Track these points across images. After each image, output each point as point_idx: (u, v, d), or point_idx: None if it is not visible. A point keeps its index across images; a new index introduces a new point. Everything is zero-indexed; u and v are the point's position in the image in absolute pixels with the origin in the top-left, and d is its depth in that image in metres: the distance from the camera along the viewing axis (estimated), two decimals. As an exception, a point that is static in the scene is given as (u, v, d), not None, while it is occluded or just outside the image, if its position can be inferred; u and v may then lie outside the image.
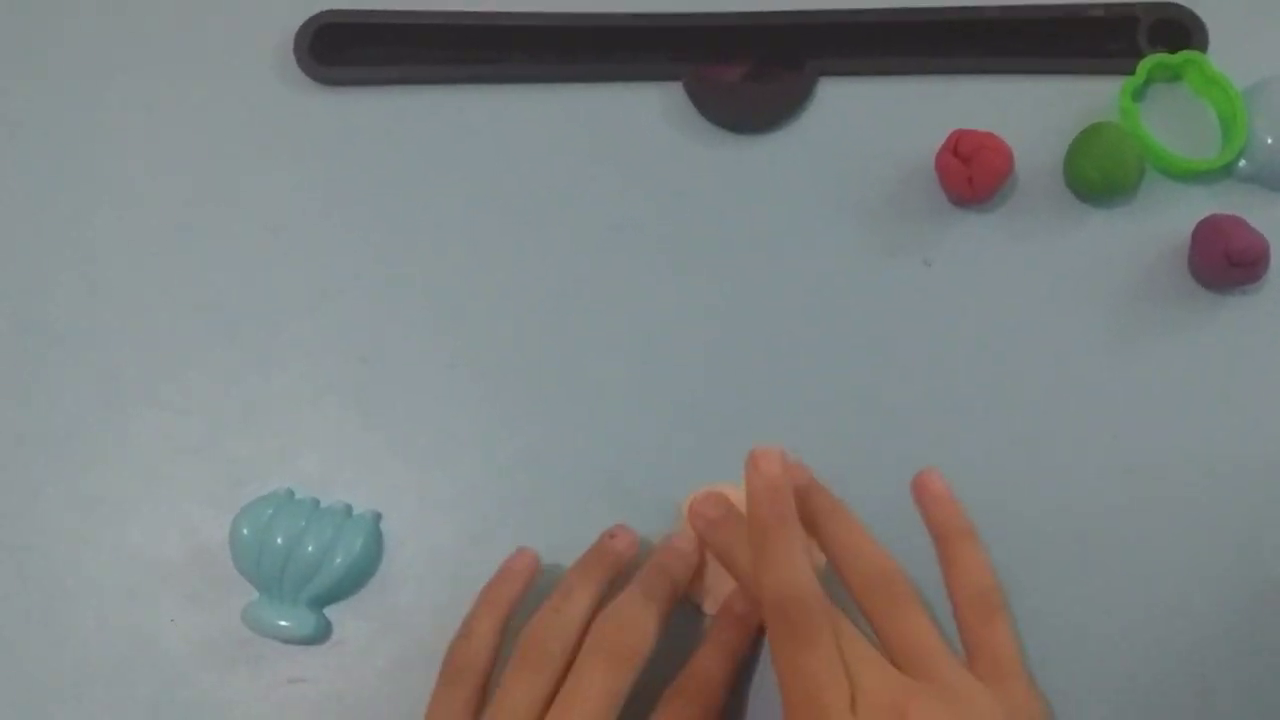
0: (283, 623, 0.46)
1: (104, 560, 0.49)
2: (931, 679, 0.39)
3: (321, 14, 0.57)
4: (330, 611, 0.48)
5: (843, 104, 0.56)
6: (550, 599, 0.43)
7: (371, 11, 0.57)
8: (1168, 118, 0.54)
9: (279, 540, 0.46)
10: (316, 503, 0.48)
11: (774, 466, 0.42)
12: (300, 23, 0.57)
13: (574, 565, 0.45)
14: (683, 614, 0.45)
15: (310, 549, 0.46)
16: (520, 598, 0.44)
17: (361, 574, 0.47)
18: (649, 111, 0.56)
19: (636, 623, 0.42)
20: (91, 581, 0.48)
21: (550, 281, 0.53)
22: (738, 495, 0.46)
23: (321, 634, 0.47)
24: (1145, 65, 0.54)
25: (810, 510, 0.44)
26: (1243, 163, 0.53)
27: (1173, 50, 0.54)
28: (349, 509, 0.48)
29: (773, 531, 0.41)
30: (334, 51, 0.57)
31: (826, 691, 0.38)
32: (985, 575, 0.43)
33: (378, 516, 0.48)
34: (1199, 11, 0.55)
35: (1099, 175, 0.51)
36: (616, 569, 0.45)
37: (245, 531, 0.46)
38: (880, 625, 0.41)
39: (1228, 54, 0.54)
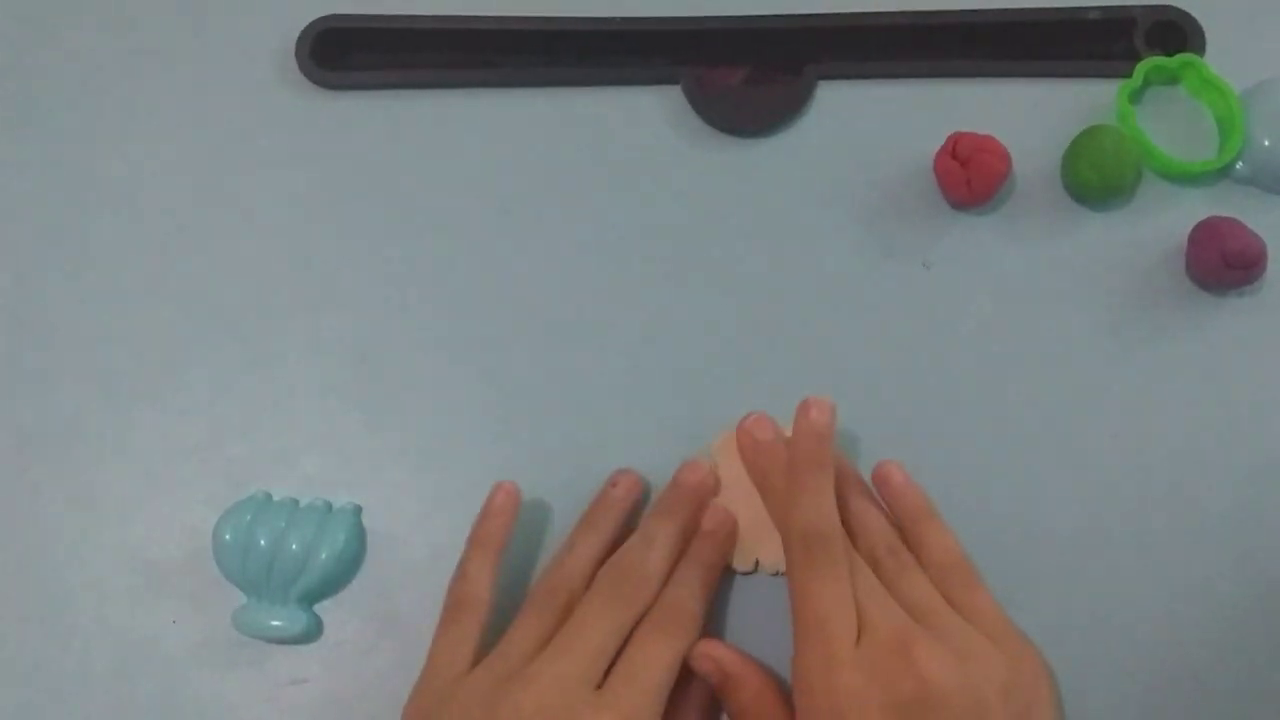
0: (275, 623, 0.46)
1: (104, 561, 0.49)
2: (936, 628, 0.41)
3: (323, 18, 0.57)
4: (331, 613, 0.48)
5: (842, 107, 0.56)
6: (556, 554, 0.45)
7: (373, 16, 0.57)
8: (1165, 120, 0.55)
9: (262, 542, 0.46)
10: (295, 502, 0.48)
11: (824, 416, 0.45)
12: (302, 27, 0.57)
13: (579, 519, 0.47)
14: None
15: (294, 547, 0.46)
16: (507, 532, 0.46)
17: (348, 567, 0.48)
18: (648, 115, 0.56)
19: (638, 570, 0.44)
20: (92, 582, 0.48)
21: (549, 284, 0.53)
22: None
23: (314, 632, 0.47)
24: (1143, 68, 0.54)
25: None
26: (1240, 165, 0.53)
27: (1170, 53, 0.55)
28: (329, 505, 0.49)
29: (809, 469, 0.44)
30: (335, 56, 0.57)
31: (834, 621, 0.40)
32: (956, 550, 0.45)
33: (358, 509, 0.49)
34: (1196, 14, 0.56)
35: (1097, 178, 0.51)
36: (620, 517, 0.47)
37: (227, 536, 0.46)
38: (890, 584, 0.42)
39: (1225, 57, 0.55)
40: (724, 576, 0.47)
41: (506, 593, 0.46)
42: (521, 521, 0.47)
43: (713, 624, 0.46)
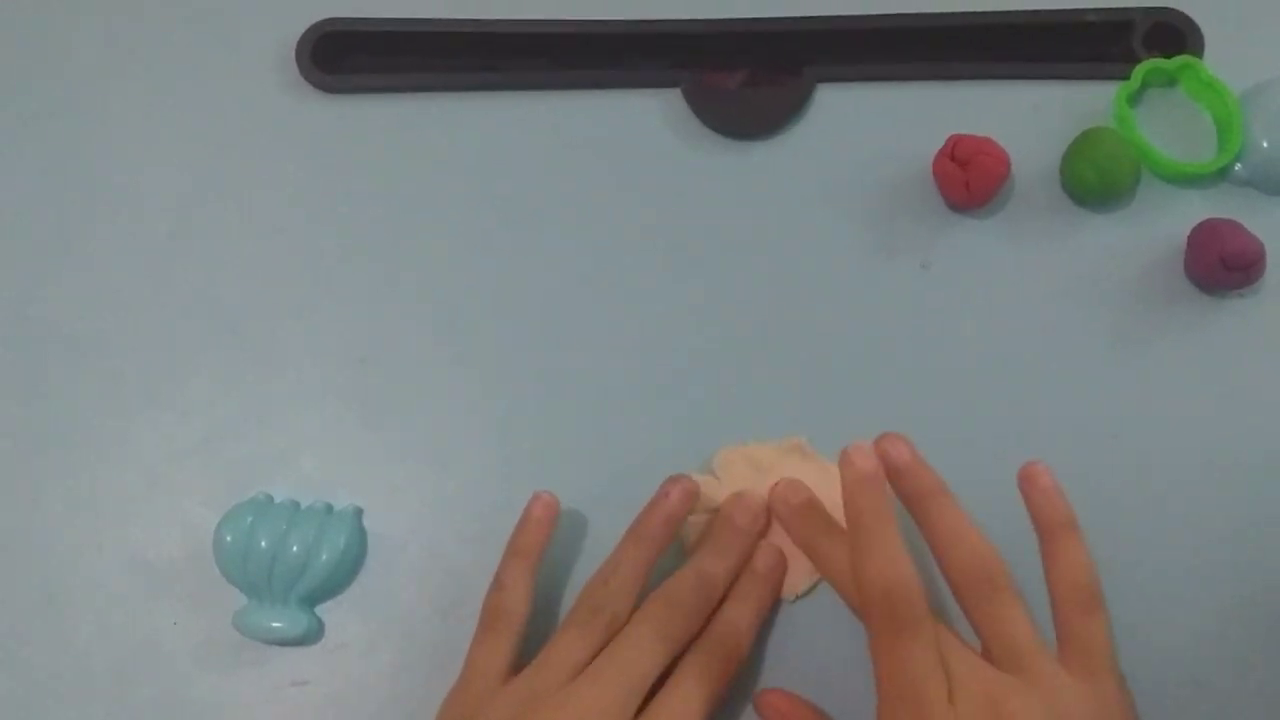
0: (275, 624, 0.46)
1: (105, 562, 0.49)
2: (1024, 673, 0.39)
3: (323, 22, 0.58)
4: (332, 615, 0.48)
5: (841, 110, 0.56)
6: (603, 566, 0.44)
7: (373, 20, 0.57)
8: (1164, 122, 0.55)
9: (263, 543, 0.46)
10: (296, 504, 0.48)
11: (869, 462, 0.42)
12: (302, 30, 0.57)
13: (627, 531, 0.45)
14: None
15: (295, 549, 0.46)
16: (545, 542, 0.45)
17: (349, 569, 0.48)
18: (648, 118, 0.56)
19: (688, 605, 0.43)
20: (93, 583, 0.48)
21: (549, 286, 0.53)
22: (762, 455, 0.48)
23: (314, 633, 0.47)
24: (1141, 70, 0.54)
25: (913, 490, 0.43)
26: (1238, 167, 0.53)
27: (1168, 55, 0.55)
28: (329, 507, 0.49)
29: (871, 524, 0.42)
30: (335, 59, 0.57)
31: (927, 683, 0.39)
32: (1089, 570, 0.43)
33: (359, 511, 0.49)
34: (1194, 16, 0.56)
35: (1095, 179, 0.52)
36: (670, 530, 0.45)
37: (228, 538, 0.46)
38: (977, 615, 0.41)
39: (1223, 59, 0.55)
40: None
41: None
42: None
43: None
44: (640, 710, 0.41)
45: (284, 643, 0.47)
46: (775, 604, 0.47)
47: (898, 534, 0.42)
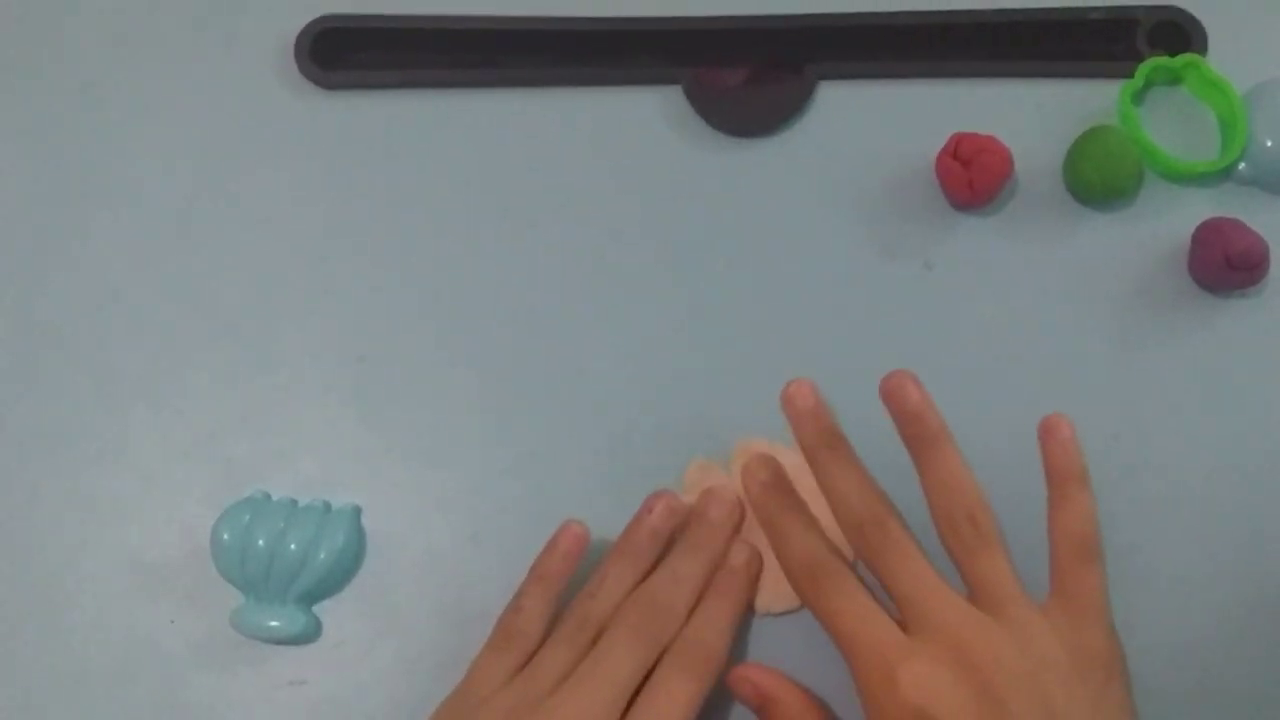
0: (273, 623, 0.46)
1: (103, 561, 0.49)
2: (1001, 615, 0.39)
3: (322, 18, 0.57)
4: (330, 614, 0.47)
5: (843, 107, 0.56)
6: (589, 581, 0.45)
7: (372, 16, 0.57)
8: (1167, 121, 0.55)
9: (260, 542, 0.46)
10: (294, 502, 0.48)
11: (808, 399, 0.44)
12: (301, 26, 0.57)
13: (613, 547, 0.46)
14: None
15: (293, 547, 0.46)
16: (569, 572, 0.45)
17: (347, 567, 0.48)
18: (648, 115, 0.56)
19: (665, 607, 0.43)
20: (91, 582, 0.48)
21: (549, 284, 0.53)
22: (780, 456, 0.48)
23: (312, 632, 0.47)
24: (1145, 68, 0.54)
25: (917, 434, 0.43)
26: (1242, 165, 0.53)
27: (1172, 53, 0.55)
28: (328, 505, 0.48)
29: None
30: (334, 55, 0.57)
31: (870, 625, 0.40)
32: (1091, 522, 0.43)
33: (358, 510, 0.49)
34: (1199, 15, 0.56)
35: (1099, 178, 0.51)
36: (658, 545, 0.46)
37: (226, 536, 0.46)
38: (961, 560, 0.42)
39: (1227, 57, 0.55)
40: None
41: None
42: (522, 521, 0.47)
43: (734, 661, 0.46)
44: (625, 713, 0.41)
45: (282, 641, 0.47)
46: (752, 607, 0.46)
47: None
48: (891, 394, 0.43)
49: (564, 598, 0.45)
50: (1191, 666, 0.46)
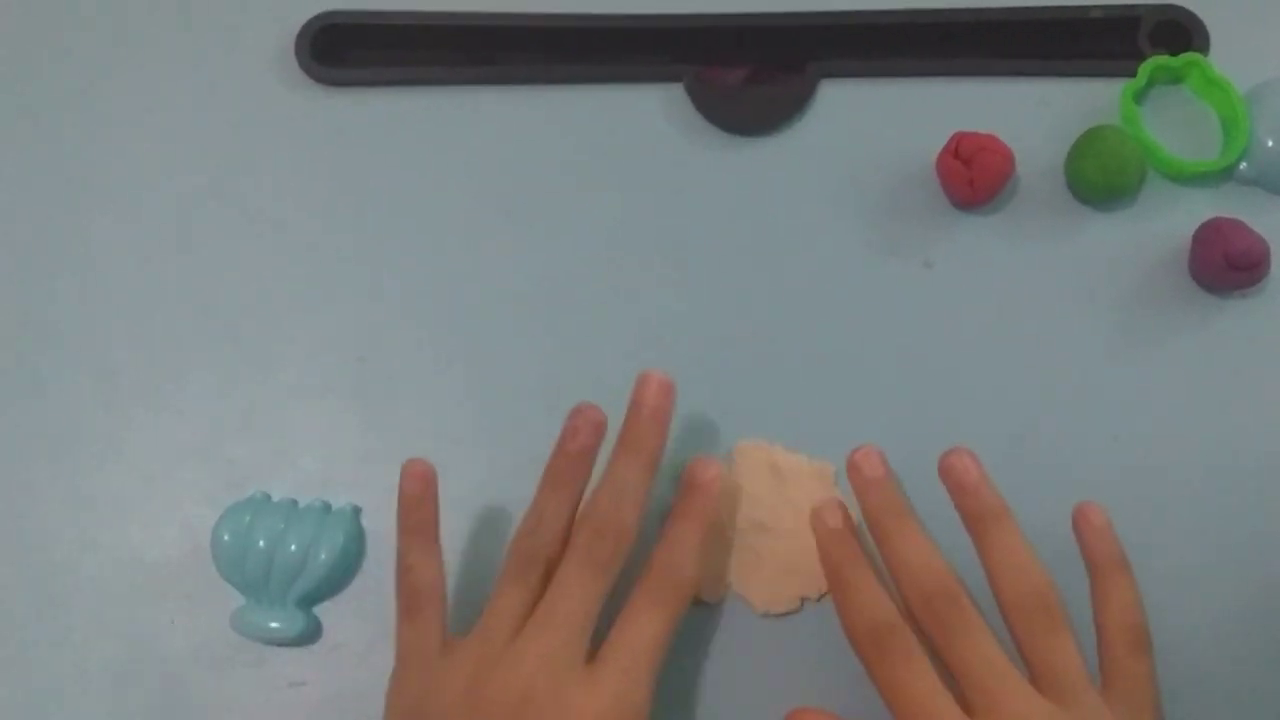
0: (273, 624, 0.46)
1: (104, 561, 0.49)
2: (1067, 703, 0.39)
3: (323, 15, 0.57)
4: (330, 614, 0.47)
5: (844, 106, 0.55)
6: (524, 518, 0.43)
7: (373, 13, 0.57)
8: (1169, 120, 0.54)
9: (261, 543, 0.46)
10: (294, 503, 0.48)
11: (877, 467, 0.44)
12: (302, 23, 0.57)
13: (542, 477, 0.44)
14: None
15: (293, 548, 0.46)
16: (435, 514, 0.45)
17: (347, 569, 0.48)
18: (650, 113, 0.56)
19: (612, 526, 0.42)
20: (91, 583, 0.48)
21: (550, 282, 0.53)
22: (785, 461, 0.48)
23: (312, 633, 0.47)
24: (1146, 67, 0.54)
25: (975, 510, 0.43)
26: (1244, 165, 0.53)
27: (1174, 52, 0.54)
28: (328, 506, 0.48)
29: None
30: (335, 52, 0.57)
31: (935, 700, 0.39)
32: (1139, 611, 0.43)
33: (357, 510, 0.49)
34: (1200, 14, 0.55)
35: (1100, 177, 0.51)
36: (585, 469, 0.44)
37: (226, 537, 0.46)
38: (1028, 644, 0.41)
39: (1229, 56, 0.54)
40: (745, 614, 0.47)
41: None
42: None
43: (722, 667, 0.46)
44: (598, 645, 0.40)
45: (282, 643, 0.47)
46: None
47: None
48: (950, 471, 0.43)
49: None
50: (1191, 666, 0.45)
